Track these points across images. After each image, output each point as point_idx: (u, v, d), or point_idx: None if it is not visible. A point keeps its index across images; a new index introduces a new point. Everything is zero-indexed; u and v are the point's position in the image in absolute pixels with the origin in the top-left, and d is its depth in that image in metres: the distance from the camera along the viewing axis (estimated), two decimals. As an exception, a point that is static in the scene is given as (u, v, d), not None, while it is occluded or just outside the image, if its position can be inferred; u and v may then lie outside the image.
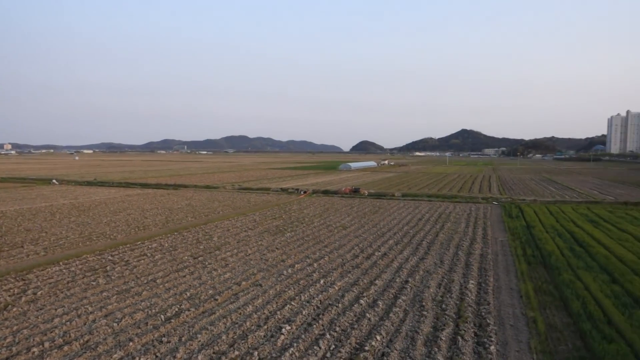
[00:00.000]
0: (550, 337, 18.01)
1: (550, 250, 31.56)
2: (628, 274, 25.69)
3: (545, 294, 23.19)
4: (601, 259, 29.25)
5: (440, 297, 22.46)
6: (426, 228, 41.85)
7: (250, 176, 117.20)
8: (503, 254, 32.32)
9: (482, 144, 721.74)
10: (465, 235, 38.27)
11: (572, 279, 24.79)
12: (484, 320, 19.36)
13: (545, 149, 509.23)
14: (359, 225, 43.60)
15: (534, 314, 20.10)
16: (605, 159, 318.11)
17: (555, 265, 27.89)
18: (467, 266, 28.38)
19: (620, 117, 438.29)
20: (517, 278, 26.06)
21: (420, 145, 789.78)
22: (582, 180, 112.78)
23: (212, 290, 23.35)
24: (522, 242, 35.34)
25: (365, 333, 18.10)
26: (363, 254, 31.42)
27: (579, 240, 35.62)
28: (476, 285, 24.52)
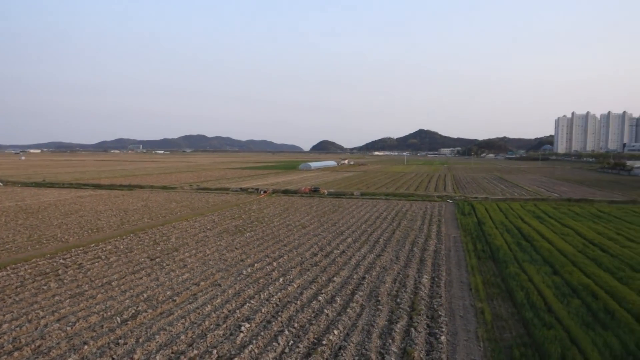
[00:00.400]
0: (496, 325, 19.16)
1: (499, 245, 33.25)
2: (568, 265, 27.53)
3: (493, 286, 24.52)
4: (545, 252, 31.13)
5: (395, 292, 23.29)
6: (383, 226, 42.95)
7: (209, 176, 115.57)
8: (455, 249, 33.75)
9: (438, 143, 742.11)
10: (421, 232, 39.60)
11: (517, 271, 26.30)
12: (436, 313, 20.32)
13: (497, 148, 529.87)
14: (318, 224, 44.17)
15: (482, 305, 21.27)
16: (552, 158, 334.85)
17: (503, 259, 29.44)
18: (422, 262, 29.49)
19: (566, 119, 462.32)
20: (467, 272, 27.36)
21: (380, 145, 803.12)
22: (531, 178, 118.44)
23: (170, 291, 23.17)
24: (473, 238, 37.00)
25: (323, 328, 18.59)
26: (322, 252, 31.97)
27: (525, 235, 37.65)
28: (430, 279, 25.57)
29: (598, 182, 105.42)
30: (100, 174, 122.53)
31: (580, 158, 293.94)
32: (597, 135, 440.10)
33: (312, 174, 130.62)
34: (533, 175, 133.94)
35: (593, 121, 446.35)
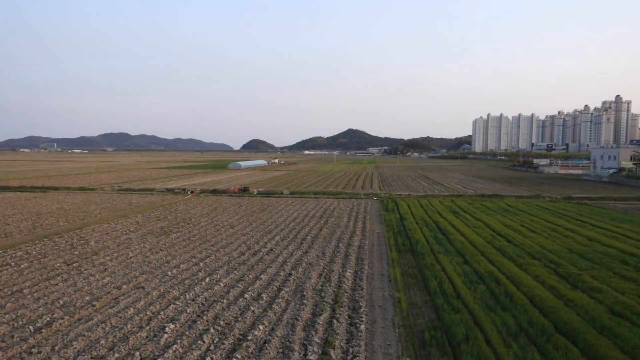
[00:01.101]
0: (411, 313, 20.67)
1: (418, 239, 35.46)
2: (477, 255, 30.10)
3: (411, 277, 26.27)
4: (458, 244, 33.71)
5: (320, 287, 24.21)
6: (311, 224, 43.97)
7: (133, 176, 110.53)
8: (378, 244, 35.49)
9: (367, 143, 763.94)
10: (347, 229, 41.08)
11: (433, 262, 28.34)
12: (357, 304, 21.47)
13: (421, 147, 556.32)
14: (246, 223, 44.24)
15: (400, 295, 22.79)
16: (470, 156, 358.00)
17: (421, 251, 31.50)
18: (346, 257, 30.75)
19: (482, 120, 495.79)
20: (388, 265, 29.00)
21: (310, 144, 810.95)
22: (450, 176, 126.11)
23: (89, 296, 22.33)
24: (395, 233, 39.06)
25: (248, 324, 18.99)
26: (250, 251, 32.23)
27: (442, 229, 40.40)
28: (353, 273, 26.80)
29: (509, 178, 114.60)
30: (8, 174, 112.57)
31: (495, 156, 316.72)
32: (510, 135, 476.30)
33: (241, 174, 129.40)
34: (452, 173, 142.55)
35: (506, 122, 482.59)
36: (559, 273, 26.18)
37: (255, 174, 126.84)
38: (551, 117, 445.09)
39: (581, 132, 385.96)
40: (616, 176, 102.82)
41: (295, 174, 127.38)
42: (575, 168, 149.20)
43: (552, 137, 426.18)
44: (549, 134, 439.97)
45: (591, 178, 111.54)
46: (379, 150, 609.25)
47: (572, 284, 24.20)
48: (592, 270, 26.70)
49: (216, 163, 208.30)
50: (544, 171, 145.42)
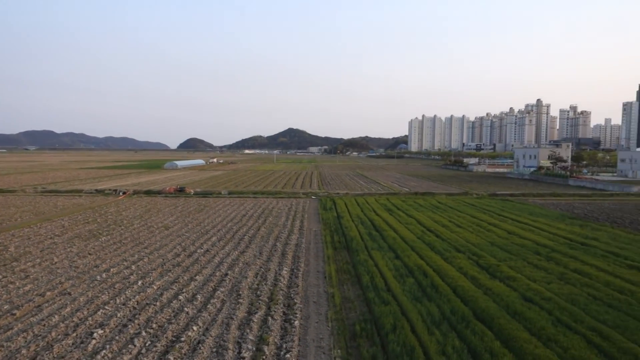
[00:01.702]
0: (344, 307, 21.46)
1: (353, 236, 36.57)
2: (407, 250, 31.62)
3: (345, 272, 27.15)
4: (390, 240, 35.18)
5: (256, 285, 24.41)
6: (249, 223, 43.89)
7: (58, 177, 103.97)
8: (315, 242, 36.19)
9: (307, 142, 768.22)
10: (284, 228, 41.46)
11: (366, 258, 29.43)
12: (292, 301, 21.94)
13: (360, 147, 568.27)
14: (182, 224, 43.34)
15: (333, 290, 23.53)
16: (407, 156, 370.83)
17: (355, 248, 32.56)
18: (283, 255, 31.13)
19: (417, 120, 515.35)
20: (324, 262, 29.73)
21: (250, 143, 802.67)
22: (387, 174, 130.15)
23: (8, 305, 21.06)
24: (331, 231, 39.98)
25: (182, 326, 18.85)
26: (185, 253, 31.71)
27: (376, 226, 41.88)
28: (289, 271, 27.24)
29: (441, 177, 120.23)
30: None
31: (429, 156, 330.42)
32: (443, 135, 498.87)
33: (178, 173, 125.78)
34: (389, 172, 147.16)
35: (439, 123, 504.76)
36: (480, 264, 28.17)
37: (193, 174, 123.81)
38: (480, 118, 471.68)
39: (507, 132, 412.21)
40: (536, 174, 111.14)
41: (235, 174, 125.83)
42: (500, 167, 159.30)
43: (481, 138, 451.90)
44: (479, 134, 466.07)
45: (514, 176, 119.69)
46: (319, 150, 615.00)
47: (492, 274, 26.18)
48: (510, 261, 28.99)
49: (151, 163, 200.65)
50: (473, 170, 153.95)
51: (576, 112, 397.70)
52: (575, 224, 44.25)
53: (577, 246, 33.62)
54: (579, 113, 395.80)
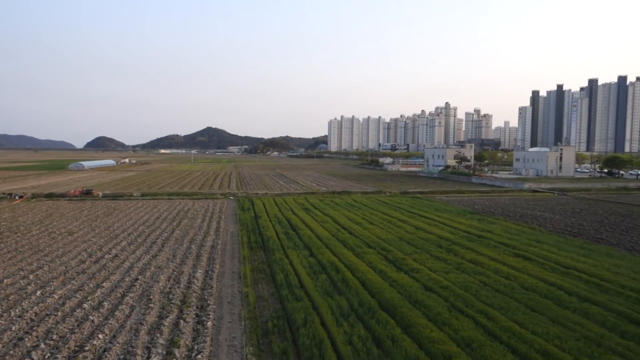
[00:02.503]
0: (258, 305, 21.84)
1: (270, 236, 37.00)
2: (322, 247, 32.71)
3: (260, 272, 27.51)
4: (306, 238, 36.09)
5: (168, 289, 23.95)
6: (163, 226, 42.54)
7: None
8: (232, 243, 36.09)
9: (227, 142, 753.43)
10: (200, 230, 40.77)
11: (282, 257, 30.02)
12: (206, 302, 21.89)
13: (281, 147, 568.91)
14: (89, 229, 40.89)
15: (248, 290, 23.81)
16: (326, 155, 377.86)
17: (271, 247, 33.02)
18: (198, 257, 30.72)
19: (336, 121, 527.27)
20: (240, 262, 29.83)
21: (166, 142, 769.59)
22: (306, 174, 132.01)
23: None
24: (248, 232, 40.05)
25: (86, 335, 18.07)
26: (91, 259, 30.09)
27: (293, 225, 42.65)
28: (204, 273, 27.02)
29: (358, 176, 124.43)
30: None
31: (348, 155, 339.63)
32: (361, 135, 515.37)
33: (85, 175, 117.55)
34: (308, 171, 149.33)
35: (357, 124, 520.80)
36: (388, 259, 29.97)
37: (102, 175, 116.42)
38: (395, 120, 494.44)
39: (419, 133, 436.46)
40: (443, 172, 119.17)
41: (148, 175, 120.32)
42: (413, 166, 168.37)
43: (396, 138, 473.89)
44: (394, 135, 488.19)
45: (425, 174, 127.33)
46: (239, 150, 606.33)
47: (398, 267, 28.01)
48: (415, 254, 31.17)
49: (53, 163, 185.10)
50: (388, 169, 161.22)
51: (479, 115, 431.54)
52: (475, 218, 48.41)
53: (474, 238, 36.92)
54: (482, 116, 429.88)
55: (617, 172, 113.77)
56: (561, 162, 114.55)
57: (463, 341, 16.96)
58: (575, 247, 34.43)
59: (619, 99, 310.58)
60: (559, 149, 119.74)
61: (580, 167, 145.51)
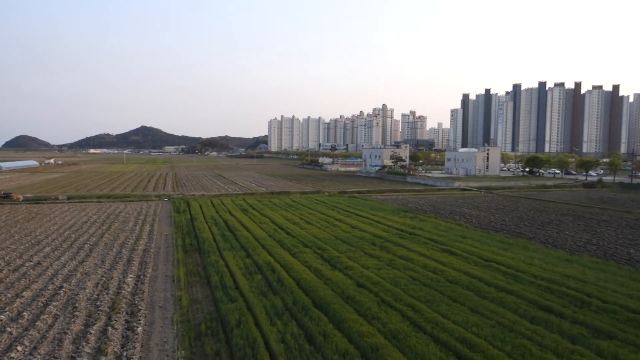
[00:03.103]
0: (191, 308, 21.61)
1: (206, 238, 36.50)
2: (258, 248, 32.80)
3: (195, 275, 27.15)
4: (243, 239, 35.98)
5: (96, 296, 23.04)
6: (91, 230, 40.60)
7: None
8: (166, 246, 35.21)
9: (163, 141, 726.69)
10: (132, 233, 39.36)
11: (217, 259, 29.78)
12: (136, 308, 21.32)
13: (220, 147, 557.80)
14: (7, 235, 38.17)
15: (181, 293, 23.45)
16: (266, 156, 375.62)
17: (207, 250, 32.61)
18: (129, 262, 29.72)
19: (277, 121, 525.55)
20: (173, 266, 29.23)
21: (96, 141, 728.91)
22: (246, 174, 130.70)
23: None
24: (183, 234, 39.23)
25: (3, 348, 17.05)
26: (9, 267, 28.19)
27: (230, 226, 42.29)
28: (135, 278, 26.22)
29: (297, 176, 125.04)
30: None
31: (288, 155, 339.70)
32: (301, 135, 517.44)
33: (3, 177, 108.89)
34: (248, 172, 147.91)
35: (298, 124, 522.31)
36: (324, 257, 30.65)
37: (23, 177, 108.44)
38: (334, 120, 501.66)
39: (358, 134, 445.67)
40: (380, 172, 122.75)
41: (76, 176, 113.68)
42: (352, 166, 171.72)
43: (336, 138, 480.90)
44: (334, 135, 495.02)
45: (363, 174, 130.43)
46: (176, 149, 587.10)
47: (333, 265, 28.74)
48: (349, 252, 32.11)
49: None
50: (328, 169, 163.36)
51: (415, 117, 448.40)
52: (408, 216, 50.50)
53: (406, 236, 38.59)
54: (417, 117, 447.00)
55: (537, 171, 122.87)
56: (488, 162, 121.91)
57: (390, 333, 17.86)
58: (496, 241, 37.02)
59: (539, 103, 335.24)
60: (486, 150, 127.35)
61: (506, 166, 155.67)
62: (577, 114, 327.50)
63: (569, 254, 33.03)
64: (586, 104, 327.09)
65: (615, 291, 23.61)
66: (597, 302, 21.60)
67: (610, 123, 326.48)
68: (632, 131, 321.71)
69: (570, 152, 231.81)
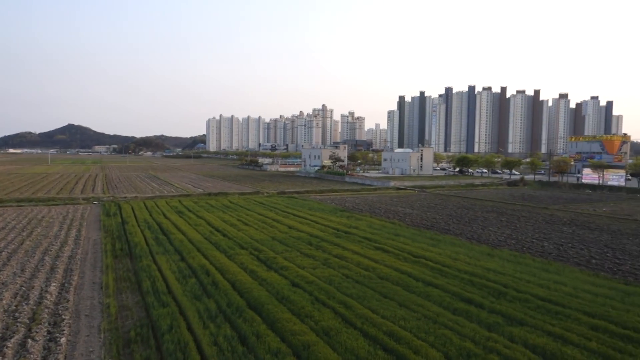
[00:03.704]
0: (120, 316, 20.94)
1: (137, 242, 35.29)
2: (194, 251, 32.25)
3: (125, 281, 26.26)
4: (177, 243, 35.18)
5: (15, 307, 21.67)
6: (9, 237, 37.86)
7: None
8: (94, 252, 33.65)
9: (92, 140, 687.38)
10: (57, 239, 37.21)
11: (149, 263, 28.95)
12: (60, 317, 20.33)
13: (155, 146, 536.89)
14: None
15: (109, 300, 22.64)
16: (205, 156, 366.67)
17: (139, 254, 31.58)
18: (53, 270, 28.14)
19: (215, 120, 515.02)
20: (102, 272, 28.06)
21: (16, 140, 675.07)
22: (182, 175, 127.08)
23: None
24: (114, 238, 37.67)
25: None
26: None
27: (164, 229, 41.14)
28: (59, 286, 24.91)
29: (236, 176, 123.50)
30: None
31: (227, 156, 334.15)
32: (241, 135, 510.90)
33: None
34: (185, 172, 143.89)
35: (237, 123, 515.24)
36: (260, 258, 30.74)
37: None
38: (275, 120, 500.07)
39: (298, 134, 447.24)
40: (319, 172, 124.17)
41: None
42: (291, 166, 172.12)
43: (276, 138, 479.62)
44: (274, 135, 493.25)
45: (302, 174, 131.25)
46: (108, 149, 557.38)
47: (269, 266, 28.92)
48: (286, 252, 32.41)
49: None
50: (267, 169, 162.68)
51: (354, 118, 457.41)
52: (344, 215, 51.66)
53: (342, 235, 39.54)
54: (355, 118, 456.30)
55: (467, 171, 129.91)
56: (422, 162, 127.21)
57: (322, 330, 18.39)
58: (426, 238, 38.92)
59: (469, 105, 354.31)
60: (420, 150, 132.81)
61: (439, 166, 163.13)
62: (503, 117, 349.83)
63: (491, 248, 35.45)
64: (511, 107, 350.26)
65: (528, 281, 25.76)
66: (512, 292, 23.47)
67: (533, 125, 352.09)
68: (551, 133, 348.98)
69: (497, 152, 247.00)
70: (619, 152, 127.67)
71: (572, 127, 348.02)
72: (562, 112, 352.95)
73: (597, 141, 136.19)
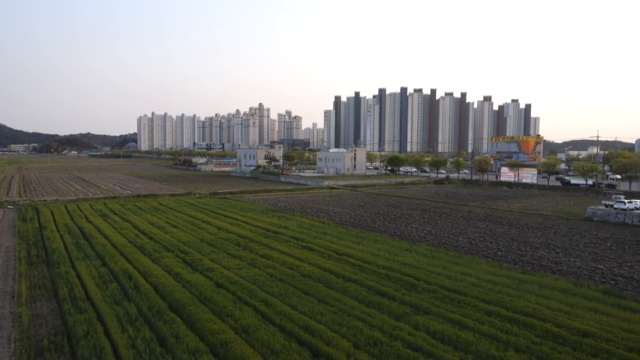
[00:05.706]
0: (33, 324, 20.36)
1: (56, 248, 33.90)
2: (117, 255, 31.59)
3: (40, 288, 25.35)
4: (100, 247, 34.19)
5: None
6: None
7: None
8: (6, 259, 31.96)
9: (8, 138, 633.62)
10: (-36, 247, 34.81)
11: (68, 270, 28.08)
12: (-35, 329, 19.42)
13: (81, 145, 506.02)
14: None
15: (22, 309, 21.87)
16: (136, 155, 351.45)
17: (57, 260, 30.44)
18: (-42, 280, 26.51)
19: (147, 118, 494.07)
20: (14, 280, 26.84)
21: None
22: (110, 176, 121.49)
23: None
24: (29, 245, 35.87)
25: None
26: None
27: (86, 234, 39.69)
28: (-35, 297, 23.61)
29: (169, 177, 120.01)
30: None
31: (160, 155, 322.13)
32: (175, 134, 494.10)
33: None
34: (113, 173, 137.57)
35: (171, 122, 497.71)
36: (186, 261, 30.77)
37: None
38: (210, 119, 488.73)
39: (234, 133, 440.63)
40: (255, 172, 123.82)
41: None
42: (227, 166, 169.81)
43: (212, 137, 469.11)
44: (209, 134, 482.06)
45: (238, 174, 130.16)
46: (27, 149, 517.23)
47: (194, 268, 29.07)
48: (213, 254, 32.65)
49: None
50: (202, 169, 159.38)
51: (291, 117, 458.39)
52: (275, 215, 52.40)
53: (271, 235, 40.29)
54: (293, 117, 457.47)
55: (398, 170, 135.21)
56: (355, 162, 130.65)
57: (242, 328, 19.10)
58: (352, 236, 40.64)
59: (402, 106, 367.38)
60: (353, 150, 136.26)
61: (372, 165, 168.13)
62: (434, 118, 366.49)
63: (410, 244, 37.78)
64: (440, 108, 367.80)
65: (439, 274, 28.00)
66: (423, 284, 25.47)
67: (460, 126, 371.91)
68: (477, 133, 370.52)
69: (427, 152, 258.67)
70: (534, 151, 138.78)
71: (495, 128, 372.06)
72: (487, 113, 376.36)
73: (514, 142, 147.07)
